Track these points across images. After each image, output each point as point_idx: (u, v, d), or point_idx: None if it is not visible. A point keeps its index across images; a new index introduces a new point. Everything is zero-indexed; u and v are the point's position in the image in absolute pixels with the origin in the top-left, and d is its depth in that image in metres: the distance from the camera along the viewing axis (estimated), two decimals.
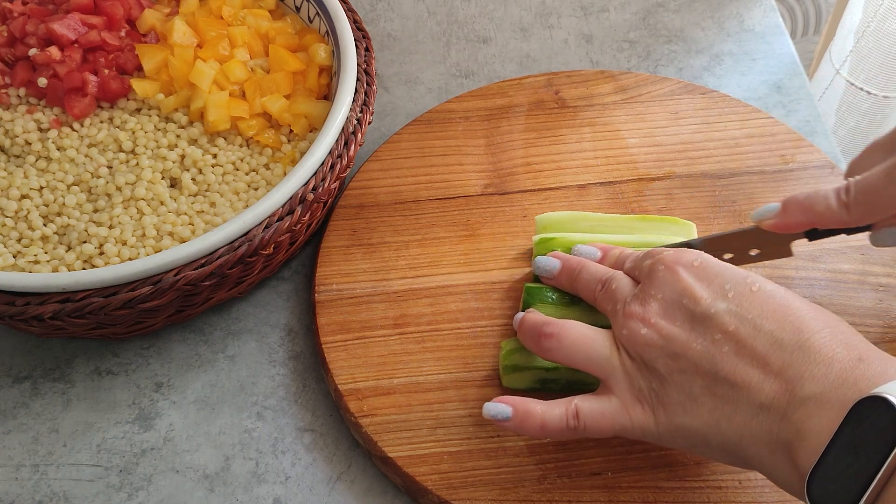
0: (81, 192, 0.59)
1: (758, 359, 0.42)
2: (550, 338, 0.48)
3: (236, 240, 0.53)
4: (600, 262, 0.53)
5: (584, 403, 0.46)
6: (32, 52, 0.62)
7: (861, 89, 1.06)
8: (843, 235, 0.52)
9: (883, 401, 0.37)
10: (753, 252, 0.54)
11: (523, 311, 0.53)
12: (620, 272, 0.50)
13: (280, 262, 0.61)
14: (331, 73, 0.64)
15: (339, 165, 0.57)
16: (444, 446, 0.52)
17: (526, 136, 0.67)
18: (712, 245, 0.54)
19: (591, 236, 0.57)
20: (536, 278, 0.57)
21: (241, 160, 0.61)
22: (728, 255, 0.54)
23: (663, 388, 0.44)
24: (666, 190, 0.64)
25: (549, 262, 0.54)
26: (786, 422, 0.41)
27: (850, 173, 0.52)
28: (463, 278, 0.60)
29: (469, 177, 0.65)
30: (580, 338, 0.47)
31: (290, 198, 0.54)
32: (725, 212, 0.62)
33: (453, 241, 0.62)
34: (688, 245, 0.54)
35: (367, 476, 0.54)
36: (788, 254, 0.54)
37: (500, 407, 0.47)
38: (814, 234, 0.52)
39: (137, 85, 0.62)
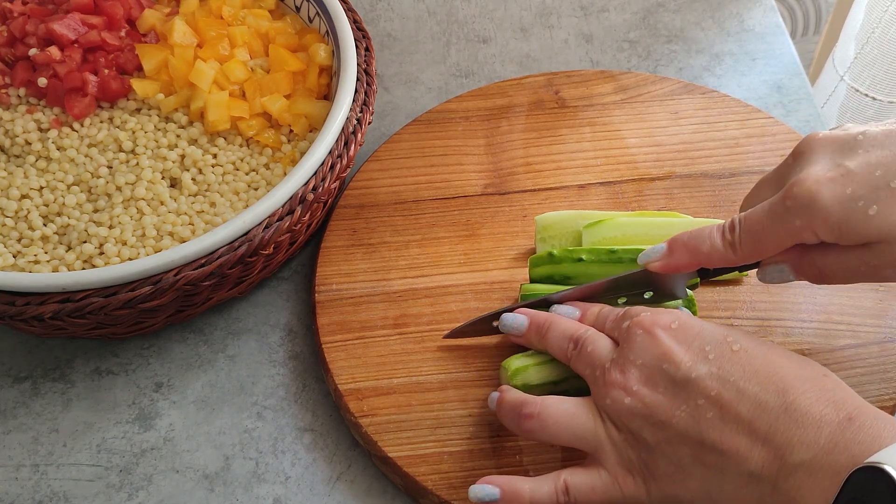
0: (81, 192, 0.59)
1: (743, 424, 0.41)
2: (531, 418, 0.46)
3: (236, 240, 0.53)
4: (580, 321, 0.51)
5: (573, 478, 0.45)
6: (32, 52, 0.62)
7: (865, 95, 1.06)
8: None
9: (880, 472, 0.36)
10: (647, 295, 0.53)
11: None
12: (593, 330, 0.48)
13: (280, 262, 0.61)
14: (331, 73, 0.64)
15: (339, 165, 0.57)
16: (444, 446, 0.52)
17: (526, 136, 0.67)
18: (603, 289, 0.52)
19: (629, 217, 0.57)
20: (534, 279, 0.57)
21: (241, 160, 0.61)
22: (622, 300, 0.53)
23: (652, 458, 0.43)
24: (666, 190, 0.64)
25: (516, 320, 0.51)
26: (777, 492, 0.40)
27: (742, 207, 0.51)
28: (463, 278, 0.60)
29: (469, 177, 0.65)
30: (563, 415, 0.46)
31: (290, 198, 0.54)
32: (725, 212, 0.62)
33: (453, 241, 0.62)
34: (570, 296, 0.52)
35: (367, 476, 0.54)
36: (683, 295, 0.53)
37: (486, 489, 0.45)
38: (705, 273, 0.51)
39: (137, 85, 0.62)
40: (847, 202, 0.42)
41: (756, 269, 0.50)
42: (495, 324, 0.53)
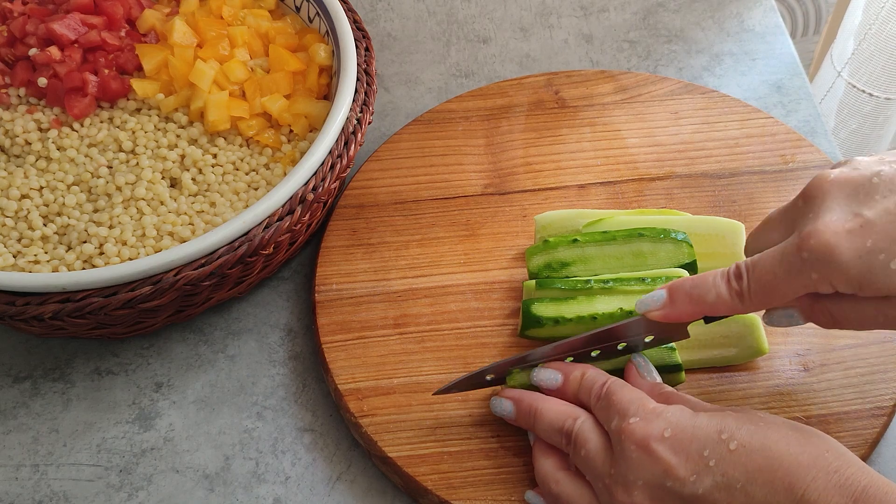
0: (81, 192, 0.59)
1: None
2: (549, 490, 0.47)
3: (236, 240, 0.53)
4: (562, 387, 0.49)
5: None
6: (32, 52, 0.62)
7: (863, 91, 1.06)
8: None
9: None
10: (648, 339, 0.51)
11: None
12: (581, 420, 0.47)
13: (280, 262, 0.61)
14: (331, 73, 0.64)
15: (339, 165, 0.57)
16: (444, 446, 0.52)
17: (526, 136, 0.67)
18: (604, 337, 0.50)
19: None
20: (533, 277, 0.57)
21: (241, 160, 0.61)
22: (622, 345, 0.51)
23: None
24: (666, 190, 0.64)
25: (503, 406, 0.51)
26: None
27: (748, 247, 0.49)
28: (463, 278, 0.60)
29: (469, 177, 0.65)
30: (572, 499, 0.46)
31: (290, 198, 0.54)
32: (725, 212, 0.62)
33: (453, 241, 0.62)
34: (573, 345, 0.50)
35: (367, 476, 0.54)
36: (685, 336, 0.50)
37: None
38: (709, 319, 0.48)
39: (137, 85, 0.62)
40: (867, 256, 0.40)
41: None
42: (489, 377, 0.52)
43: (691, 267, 0.56)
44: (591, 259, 0.56)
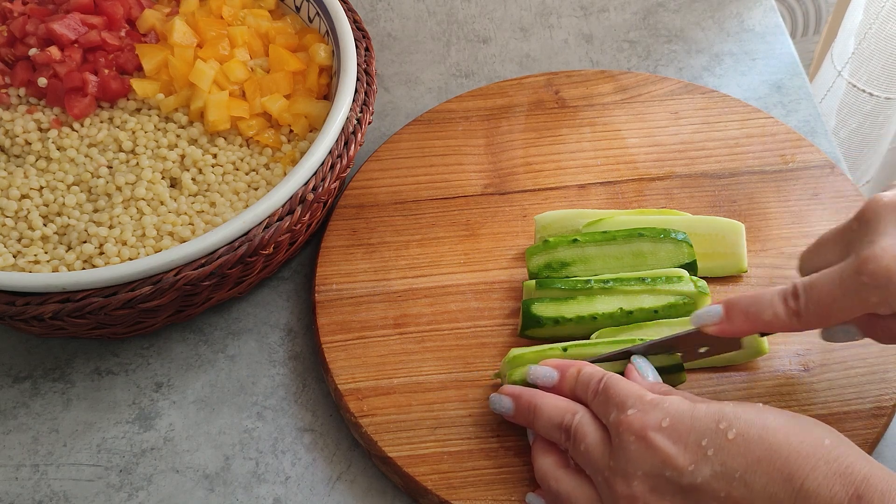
0: (81, 192, 0.59)
1: None
2: (549, 489, 0.48)
3: (236, 240, 0.53)
4: (558, 384, 0.50)
5: None
6: (32, 52, 0.62)
7: (863, 91, 1.06)
8: None
9: None
10: (702, 350, 0.52)
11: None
12: (580, 415, 0.47)
13: (280, 262, 0.61)
14: (331, 73, 0.64)
15: (339, 165, 0.57)
16: (444, 446, 0.52)
17: (526, 136, 0.67)
18: (659, 348, 0.51)
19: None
20: (533, 277, 0.57)
21: (241, 160, 0.61)
22: (679, 354, 0.52)
23: None
24: (666, 190, 0.64)
25: (502, 403, 0.51)
26: None
27: (802, 266, 0.50)
28: (463, 278, 0.60)
29: (469, 177, 0.65)
30: (574, 496, 0.46)
31: (290, 198, 0.54)
32: (725, 212, 0.62)
33: (453, 241, 0.62)
34: (632, 352, 0.51)
35: (367, 476, 0.54)
36: (738, 347, 0.52)
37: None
38: (764, 332, 0.50)
39: (137, 85, 0.62)
40: None
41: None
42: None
43: (691, 267, 0.56)
44: (591, 259, 0.56)
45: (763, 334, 0.49)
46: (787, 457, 0.41)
